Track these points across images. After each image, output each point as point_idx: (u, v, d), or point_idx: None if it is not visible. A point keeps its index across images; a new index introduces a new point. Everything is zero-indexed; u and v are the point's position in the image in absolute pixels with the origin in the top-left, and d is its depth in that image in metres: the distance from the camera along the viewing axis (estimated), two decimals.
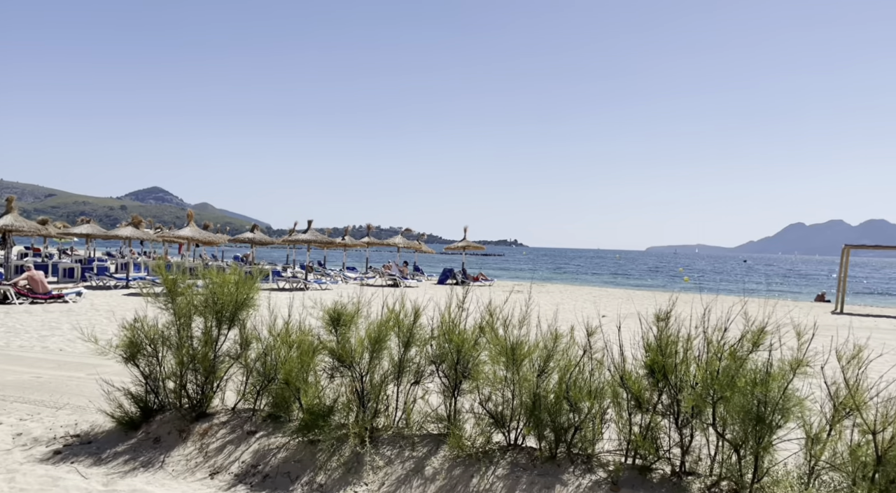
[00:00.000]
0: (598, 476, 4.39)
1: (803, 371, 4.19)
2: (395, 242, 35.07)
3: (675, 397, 4.49)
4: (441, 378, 5.21)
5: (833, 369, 4.09)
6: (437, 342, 5.27)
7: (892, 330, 16.89)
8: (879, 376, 3.99)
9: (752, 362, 4.32)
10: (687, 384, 4.47)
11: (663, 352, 4.60)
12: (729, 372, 4.30)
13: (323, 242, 29.82)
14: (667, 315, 4.79)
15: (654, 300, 5.09)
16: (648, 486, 4.25)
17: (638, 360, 4.71)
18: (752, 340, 4.37)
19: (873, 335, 9.32)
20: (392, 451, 4.87)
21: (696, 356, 4.54)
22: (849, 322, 19.04)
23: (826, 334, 4.34)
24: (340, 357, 5.25)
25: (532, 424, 4.77)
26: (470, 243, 34.84)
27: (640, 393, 4.58)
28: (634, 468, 4.46)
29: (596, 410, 4.71)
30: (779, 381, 4.13)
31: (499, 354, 4.99)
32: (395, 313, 5.42)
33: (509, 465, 4.60)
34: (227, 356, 5.85)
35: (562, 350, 4.99)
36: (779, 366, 4.19)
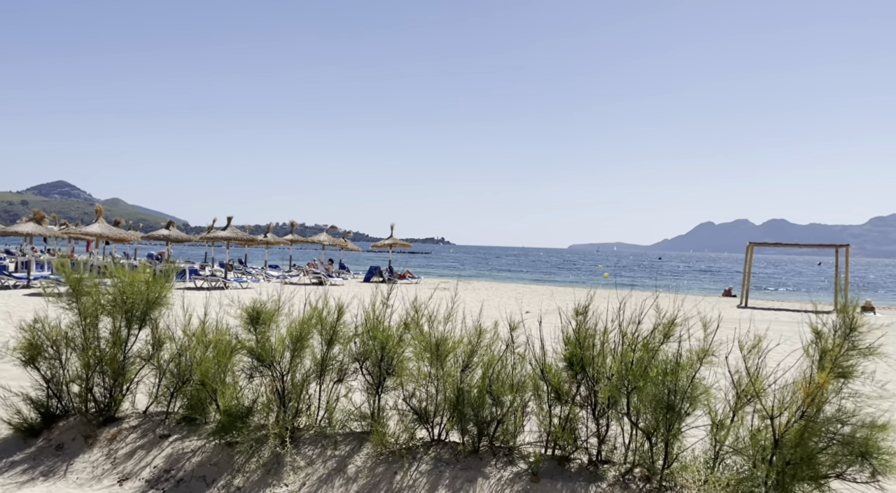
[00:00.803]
0: (519, 468, 4.47)
1: (709, 361, 4.43)
2: (319, 239, 34.49)
3: (593, 388, 4.64)
4: (365, 376, 5.16)
5: (736, 359, 4.35)
6: (361, 340, 5.22)
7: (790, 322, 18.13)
8: (777, 364, 4.26)
9: (664, 352, 4.53)
10: (603, 376, 4.63)
11: (582, 345, 4.75)
12: (642, 363, 4.49)
13: (243, 239, 28.95)
14: (585, 310, 4.94)
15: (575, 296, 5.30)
16: (567, 476, 4.37)
17: (558, 353, 4.84)
18: (664, 332, 4.58)
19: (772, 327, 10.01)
20: (314, 451, 4.78)
21: (613, 349, 4.71)
22: (752, 315, 20.29)
23: (731, 326, 4.62)
24: (260, 357, 5.11)
25: (456, 418, 4.80)
26: (397, 241, 34.75)
27: (560, 386, 4.70)
28: (554, 459, 4.57)
29: (517, 403, 4.81)
30: (687, 370, 4.35)
31: (423, 350, 5.00)
32: (318, 310, 5.33)
33: (433, 460, 4.62)
34: (139, 358, 5.57)
35: (485, 345, 5.06)
36: (687, 356, 4.41)
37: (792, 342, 4.31)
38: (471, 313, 6.20)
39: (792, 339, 4.34)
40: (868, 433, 4.02)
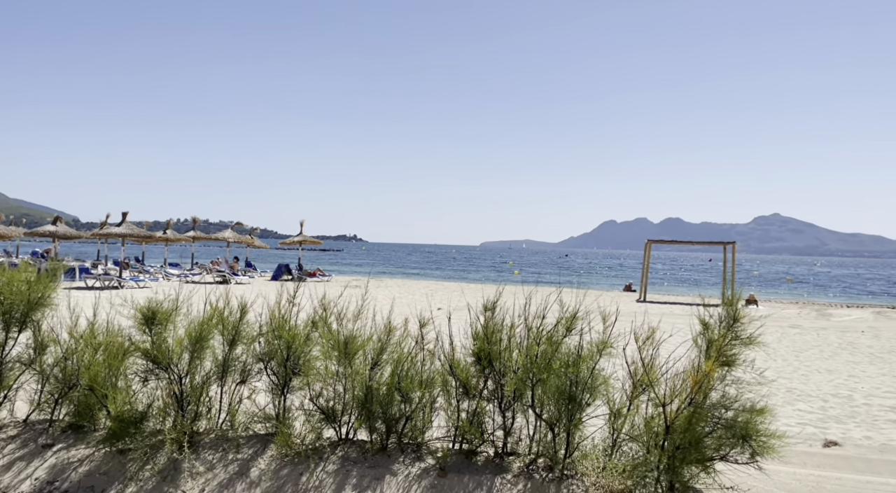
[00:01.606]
0: (428, 464, 4.50)
1: (608, 353, 4.63)
2: (224, 236, 33.17)
3: (500, 382, 4.74)
4: (270, 376, 5.01)
5: (633, 351, 4.56)
6: (265, 339, 5.07)
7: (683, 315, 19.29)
8: (669, 354, 4.51)
9: (566, 345, 4.69)
10: (510, 370, 4.73)
11: (489, 340, 4.83)
12: (546, 356, 4.63)
13: (140, 236, 27.39)
14: (493, 306, 5.03)
15: (484, 292, 5.39)
16: (474, 469, 4.44)
17: (467, 349, 4.90)
18: (566, 325, 4.73)
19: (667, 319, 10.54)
20: (214, 455, 4.59)
21: (519, 343, 4.82)
22: (650, 308, 21.43)
23: (629, 319, 4.85)
24: (156, 359, 4.84)
25: (364, 417, 4.76)
26: (307, 238, 34.00)
27: (468, 380, 4.77)
28: (461, 453, 4.63)
29: (426, 399, 4.83)
30: (588, 362, 4.52)
31: (332, 348, 4.92)
32: (220, 310, 5.12)
33: (340, 460, 4.55)
34: (18, 362, 5.14)
35: (395, 342, 5.04)
36: (588, 349, 4.59)
37: (684, 334, 4.58)
38: (381, 310, 6.17)
39: (684, 330, 4.61)
40: (749, 417, 4.33)
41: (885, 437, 6.76)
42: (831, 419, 7.47)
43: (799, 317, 21.60)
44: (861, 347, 14.13)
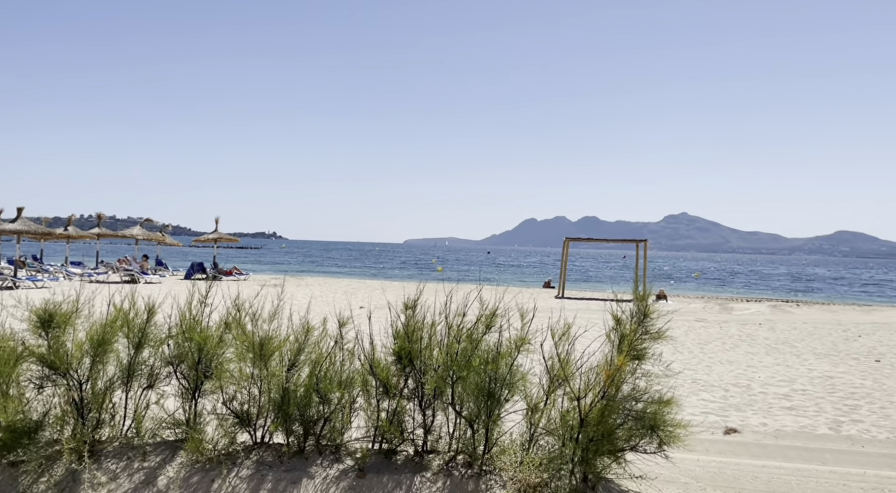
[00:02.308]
0: (346, 465, 4.43)
1: (526, 349, 4.72)
2: (132, 233, 31.51)
3: (420, 380, 4.73)
4: (180, 380, 4.79)
5: (550, 346, 4.67)
6: (175, 342, 4.84)
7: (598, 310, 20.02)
8: (584, 349, 4.65)
9: (486, 342, 4.74)
10: (431, 368, 4.73)
11: (410, 339, 4.81)
12: (466, 353, 4.66)
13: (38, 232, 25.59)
14: (414, 304, 5.02)
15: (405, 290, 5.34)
16: (393, 468, 4.41)
17: (387, 348, 4.86)
18: (486, 322, 4.79)
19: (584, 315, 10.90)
20: (118, 464, 4.34)
21: (440, 341, 4.83)
22: (568, 305, 22.07)
23: (548, 315, 4.95)
24: (53, 364, 4.52)
25: (280, 419, 4.63)
26: (223, 235, 32.81)
27: (388, 380, 4.73)
28: (381, 453, 4.59)
29: (346, 399, 4.75)
30: (506, 359, 4.59)
31: (246, 350, 4.76)
32: (125, 311, 4.85)
33: (255, 464, 4.41)
34: None
35: (314, 343, 4.94)
36: (507, 345, 4.65)
37: (599, 329, 4.73)
38: (299, 310, 6.03)
39: (599, 325, 4.76)
40: (657, 409, 4.53)
41: (779, 423, 7.26)
42: (732, 408, 7.94)
43: (704, 311, 22.86)
44: (759, 339, 15.11)
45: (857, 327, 18.26)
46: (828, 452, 6.17)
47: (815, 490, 5.08)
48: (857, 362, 11.85)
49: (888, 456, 6.07)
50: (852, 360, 12.16)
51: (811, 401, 8.43)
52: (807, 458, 5.97)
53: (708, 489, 5.04)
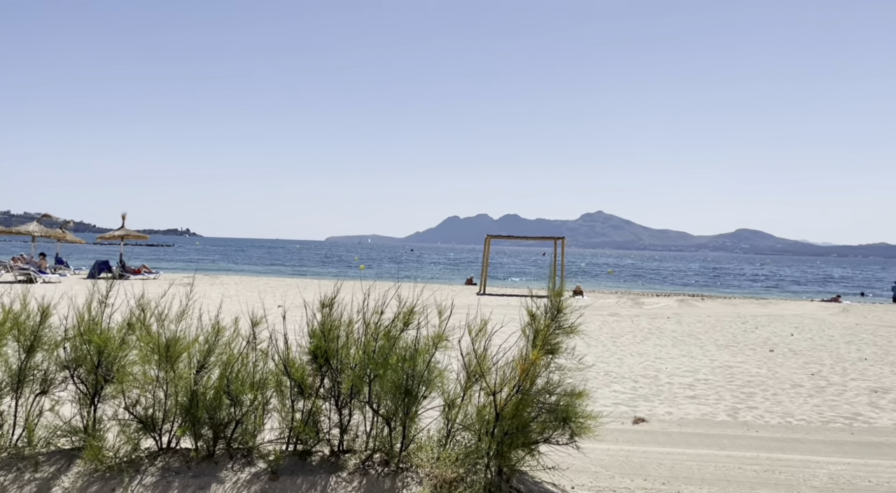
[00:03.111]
0: (259, 468, 4.31)
1: (444, 345, 4.74)
2: (28, 229, 29.36)
3: (336, 379, 4.66)
4: (77, 385, 4.51)
5: (468, 342, 4.72)
6: (72, 345, 4.54)
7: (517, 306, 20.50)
8: (500, 344, 4.73)
9: (404, 340, 4.73)
10: (348, 366, 4.68)
11: (326, 338, 4.74)
12: (384, 351, 4.63)
13: None
14: (331, 302, 4.94)
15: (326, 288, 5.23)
16: (308, 469, 4.33)
17: (303, 347, 4.77)
18: (404, 320, 4.78)
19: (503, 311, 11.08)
20: (6, 476, 4.03)
21: (357, 339, 4.78)
22: (489, 301, 22.40)
23: (469, 311, 4.99)
24: None
25: (188, 423, 4.45)
26: (130, 232, 31.14)
27: (303, 380, 4.64)
28: (296, 454, 4.50)
29: (259, 401, 4.62)
30: (424, 356, 4.60)
31: (151, 352, 4.54)
32: (15, 312, 4.51)
33: (160, 471, 4.21)
34: None
35: (224, 343, 4.78)
36: (424, 342, 4.66)
37: (516, 325, 4.82)
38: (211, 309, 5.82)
39: (517, 321, 4.85)
40: (569, 401, 4.67)
41: (682, 412, 7.66)
42: (640, 398, 8.30)
43: (617, 306, 23.80)
44: (667, 331, 15.90)
45: (754, 320, 19.54)
46: (726, 437, 6.56)
47: (714, 474, 5.40)
48: (753, 352, 12.68)
49: (779, 440, 6.52)
50: (750, 350, 13.00)
51: (712, 390, 8.94)
52: (707, 444, 6.33)
53: (616, 476, 5.25)
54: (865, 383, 9.62)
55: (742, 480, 5.27)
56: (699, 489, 5.03)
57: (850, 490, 5.08)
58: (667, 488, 5.07)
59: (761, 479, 5.31)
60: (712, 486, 5.11)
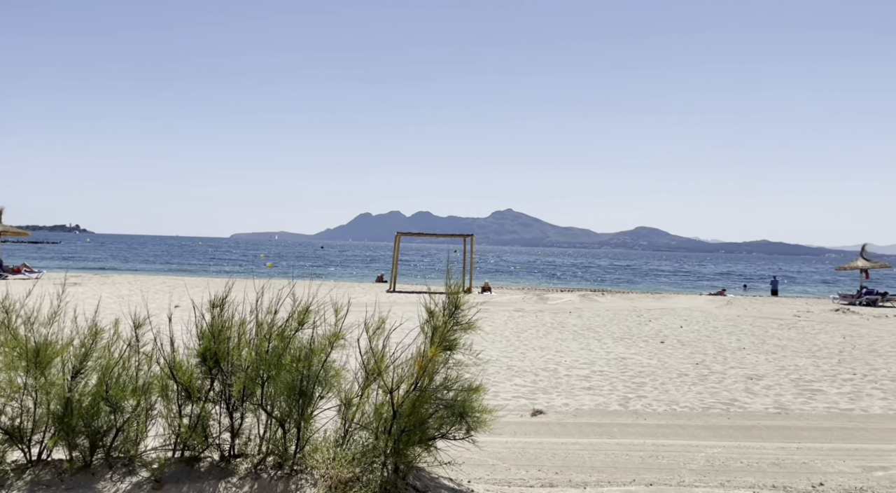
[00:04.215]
0: (141, 477, 4.09)
1: (341, 344, 4.69)
2: None
3: (227, 382, 4.50)
4: None
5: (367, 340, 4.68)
6: None
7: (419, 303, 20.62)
8: (399, 341, 4.72)
9: (299, 339, 4.63)
10: (240, 368, 4.52)
11: (217, 339, 4.56)
12: (277, 352, 4.51)
13: None
14: (222, 302, 4.76)
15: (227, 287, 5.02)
16: (195, 476, 4.16)
17: (192, 349, 4.57)
18: (299, 319, 4.68)
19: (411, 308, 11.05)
20: None
21: (250, 340, 4.63)
22: (398, 298, 22.38)
23: (377, 310, 4.95)
24: None
25: (62, 433, 4.15)
26: (8, 228, 28.67)
27: (191, 383, 4.44)
28: (182, 461, 4.30)
29: (142, 407, 4.39)
30: (319, 355, 4.52)
31: (18, 357, 4.19)
32: None
33: (28, 485, 3.91)
34: None
35: (104, 347, 4.50)
36: (320, 342, 4.58)
37: (418, 321, 4.83)
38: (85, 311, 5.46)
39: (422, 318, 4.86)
40: (466, 396, 4.74)
41: (578, 403, 7.97)
42: (540, 391, 8.57)
43: (523, 301, 24.45)
44: (568, 326, 16.50)
45: (648, 313, 20.65)
46: (616, 426, 6.89)
47: (603, 462, 5.65)
48: (646, 344, 13.40)
49: (664, 427, 6.92)
50: (643, 342, 13.72)
51: (606, 381, 9.36)
52: (599, 433, 6.62)
53: (512, 468, 5.39)
54: (743, 371, 10.39)
55: (629, 466, 5.55)
56: (589, 477, 5.26)
57: (724, 471, 5.47)
58: (559, 477, 5.25)
59: (646, 464, 5.61)
60: (601, 473, 5.35)
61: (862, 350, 13.24)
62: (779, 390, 8.90)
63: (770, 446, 6.21)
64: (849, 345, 14.04)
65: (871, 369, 10.93)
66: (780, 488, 5.05)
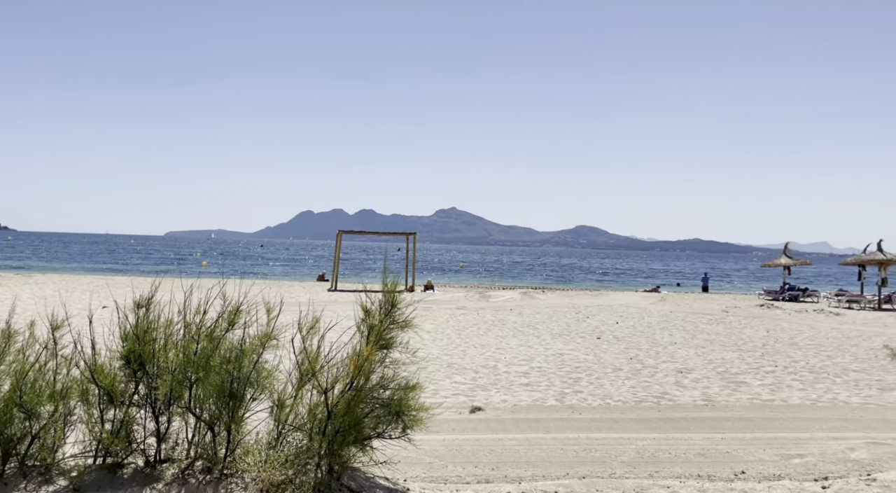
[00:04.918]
0: (58, 486, 3.90)
1: (273, 345, 4.59)
2: None
3: (153, 385, 4.34)
4: None
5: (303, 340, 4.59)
6: None
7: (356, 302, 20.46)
8: (335, 341, 4.65)
9: (229, 340, 4.51)
10: (167, 371, 4.37)
11: (142, 340, 4.39)
12: (206, 353, 4.38)
13: None
14: (148, 302, 4.59)
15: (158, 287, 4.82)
16: (118, 484, 3.99)
17: (115, 352, 4.38)
18: (229, 319, 4.55)
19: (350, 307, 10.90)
20: None
21: (178, 341, 4.48)
22: (339, 298, 22.14)
23: (315, 308, 4.86)
24: None
25: None
26: None
27: (114, 387, 4.26)
28: (104, 468, 4.12)
29: (60, 412, 4.18)
30: (250, 356, 4.41)
31: None
32: None
33: None
34: None
35: (18, 350, 4.26)
36: (251, 342, 4.47)
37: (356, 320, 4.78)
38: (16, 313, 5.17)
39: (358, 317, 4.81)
40: (403, 395, 4.72)
41: (516, 399, 8.07)
42: (479, 388, 8.63)
43: (465, 299, 24.60)
44: (508, 323, 16.70)
45: (586, 310, 21.14)
46: (552, 421, 7.02)
47: (538, 456, 5.75)
48: (583, 340, 13.71)
49: (598, 420, 7.10)
50: (580, 338, 14.03)
51: (544, 377, 9.53)
52: (536, 428, 6.73)
53: (449, 465, 5.41)
54: (673, 365, 10.77)
55: (563, 460, 5.66)
56: (524, 472, 5.33)
57: (653, 462, 5.65)
58: (495, 472, 5.31)
59: (579, 458, 5.74)
60: (536, 468, 5.44)
61: (783, 343, 13.95)
62: (706, 383, 9.26)
63: (697, 437, 6.46)
64: (772, 339, 14.77)
65: (792, 361, 11.53)
66: (705, 477, 5.25)
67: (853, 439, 6.41)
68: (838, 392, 8.81)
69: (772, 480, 5.13)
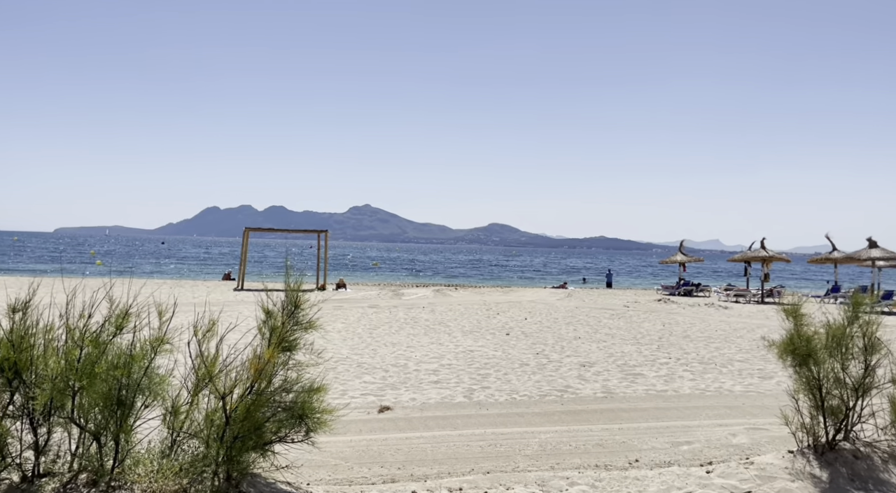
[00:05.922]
0: None
1: (167, 349, 4.37)
2: None
3: (30, 394, 4.03)
4: None
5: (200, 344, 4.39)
6: None
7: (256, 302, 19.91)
8: (234, 343, 4.49)
9: (117, 345, 4.26)
10: (47, 379, 4.07)
11: (17, 347, 4.06)
12: (91, 359, 4.11)
13: None
14: (24, 305, 4.25)
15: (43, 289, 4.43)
16: None
17: None
18: (117, 323, 4.29)
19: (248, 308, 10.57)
20: None
21: (59, 347, 4.19)
22: (245, 297, 21.42)
23: (214, 309, 4.66)
24: None
25: None
26: None
27: None
28: None
29: None
30: (140, 362, 4.18)
31: None
32: None
33: None
34: None
35: None
36: (142, 347, 4.24)
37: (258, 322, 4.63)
38: None
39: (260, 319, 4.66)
40: (306, 397, 4.63)
41: (425, 397, 8.11)
42: (389, 387, 8.61)
43: (378, 297, 24.47)
44: (420, 321, 16.76)
45: (497, 306, 21.57)
46: (460, 418, 7.10)
47: (445, 454, 5.80)
48: (493, 337, 13.97)
49: (504, 415, 7.25)
50: (490, 335, 14.29)
51: (454, 374, 9.63)
52: (443, 425, 6.78)
53: (355, 467, 5.36)
54: (577, 359, 11.19)
55: (469, 456, 5.75)
56: (430, 470, 5.37)
57: (555, 454, 5.84)
58: (401, 472, 5.31)
59: (485, 453, 5.84)
60: (442, 465, 5.49)
61: (677, 336, 14.82)
62: (607, 376, 9.68)
63: (596, 428, 6.74)
64: (667, 332, 15.64)
65: (684, 352, 12.26)
66: (602, 466, 5.48)
67: (735, 425, 6.90)
68: (724, 381, 9.45)
69: (662, 467, 5.43)
